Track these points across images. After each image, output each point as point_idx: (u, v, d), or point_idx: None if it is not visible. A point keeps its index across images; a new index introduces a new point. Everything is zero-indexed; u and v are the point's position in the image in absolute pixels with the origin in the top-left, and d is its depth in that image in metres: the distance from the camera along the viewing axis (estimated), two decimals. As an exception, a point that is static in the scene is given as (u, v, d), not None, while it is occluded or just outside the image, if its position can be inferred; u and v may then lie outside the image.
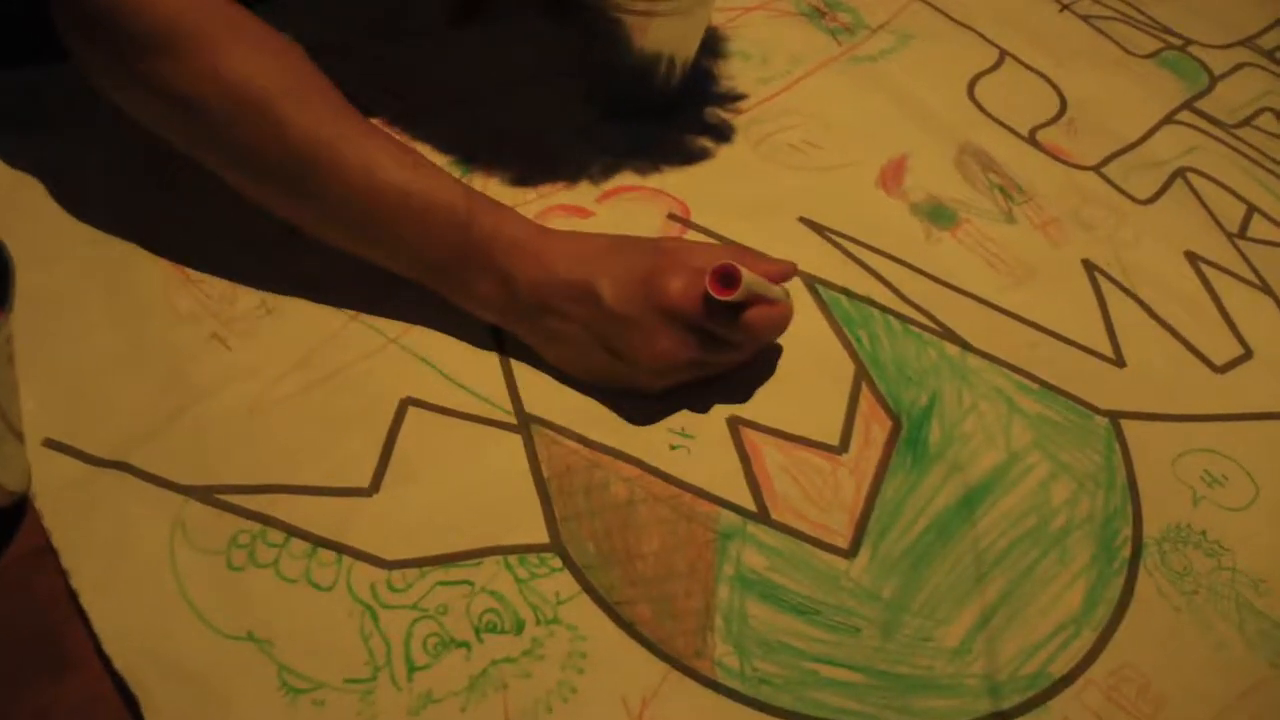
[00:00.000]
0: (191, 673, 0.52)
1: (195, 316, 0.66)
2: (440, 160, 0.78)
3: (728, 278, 0.59)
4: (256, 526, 0.58)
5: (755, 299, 0.62)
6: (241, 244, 0.69)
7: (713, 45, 0.92)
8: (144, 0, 0.60)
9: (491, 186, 0.77)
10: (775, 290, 0.65)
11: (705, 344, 0.63)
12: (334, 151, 0.61)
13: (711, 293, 0.59)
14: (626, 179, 0.80)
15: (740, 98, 0.88)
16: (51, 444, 0.60)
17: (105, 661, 0.52)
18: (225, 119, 0.61)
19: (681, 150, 0.83)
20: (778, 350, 0.70)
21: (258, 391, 0.63)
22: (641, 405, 0.66)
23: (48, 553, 0.56)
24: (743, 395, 0.68)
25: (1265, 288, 0.81)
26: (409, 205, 0.62)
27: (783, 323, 0.66)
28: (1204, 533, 0.66)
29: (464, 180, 0.75)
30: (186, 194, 0.67)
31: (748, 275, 0.59)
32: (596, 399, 0.66)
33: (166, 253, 0.69)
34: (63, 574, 0.55)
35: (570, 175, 0.79)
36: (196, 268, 0.69)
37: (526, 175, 0.78)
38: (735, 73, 0.91)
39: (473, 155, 0.79)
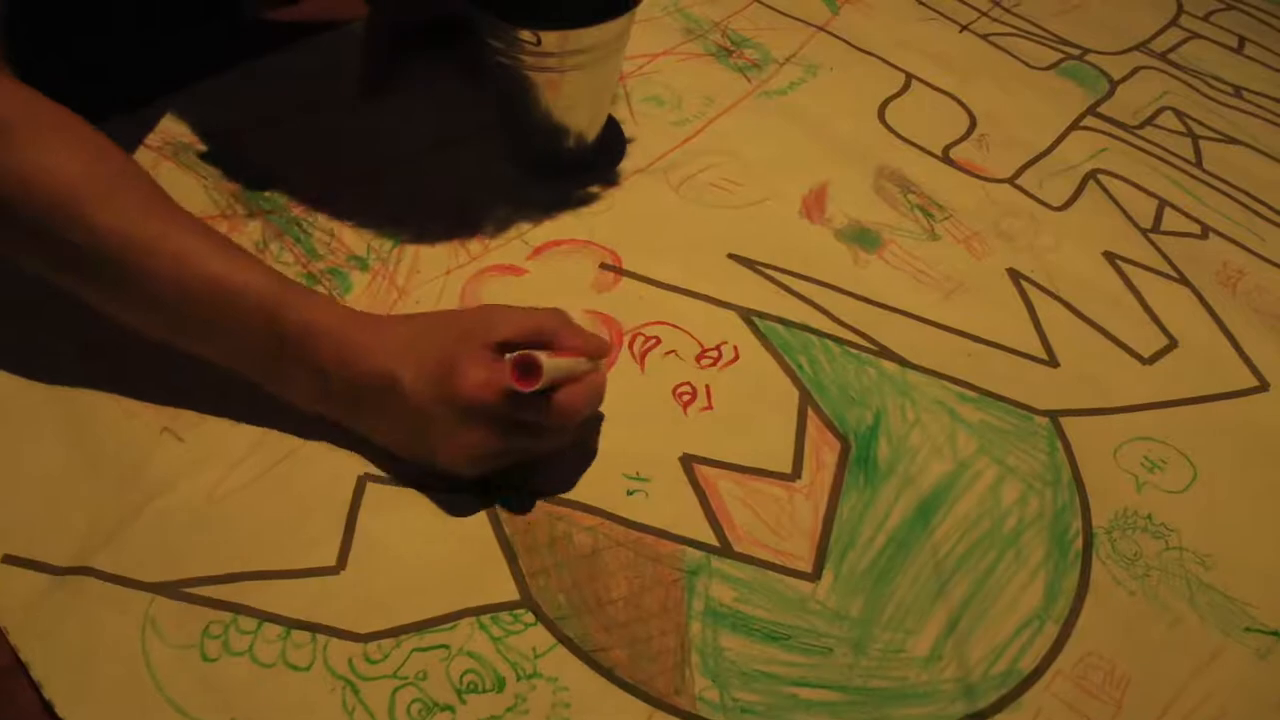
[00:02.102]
0: (179, 767, 0.53)
1: (143, 412, 0.66)
2: (369, 231, 0.79)
3: (528, 368, 0.56)
4: (227, 615, 0.58)
5: (563, 380, 0.60)
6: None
7: (626, 94, 0.94)
8: None
9: (424, 253, 0.78)
10: (583, 365, 0.63)
11: (513, 432, 0.61)
12: (142, 247, 0.60)
13: (513, 385, 0.56)
14: (556, 234, 0.81)
15: (658, 143, 0.90)
16: (10, 559, 0.59)
17: (90, 767, 0.52)
18: (29, 216, 0.59)
19: (607, 200, 0.84)
20: (726, 387, 0.71)
21: (214, 481, 0.63)
22: (595, 455, 0.67)
23: (18, 670, 0.56)
24: (693, 433, 0.69)
25: (1182, 279, 0.84)
26: (218, 298, 0.60)
27: (595, 398, 0.64)
28: (1149, 516, 0.68)
29: (395, 251, 0.76)
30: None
31: (549, 362, 0.57)
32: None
33: (106, 359, 0.69)
34: (36, 688, 0.55)
35: (500, 235, 0.80)
36: (139, 376, 0.68)
37: (456, 239, 0.79)
38: (651, 119, 0.92)
39: (400, 223, 0.79)
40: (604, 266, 0.79)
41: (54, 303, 0.63)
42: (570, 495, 0.65)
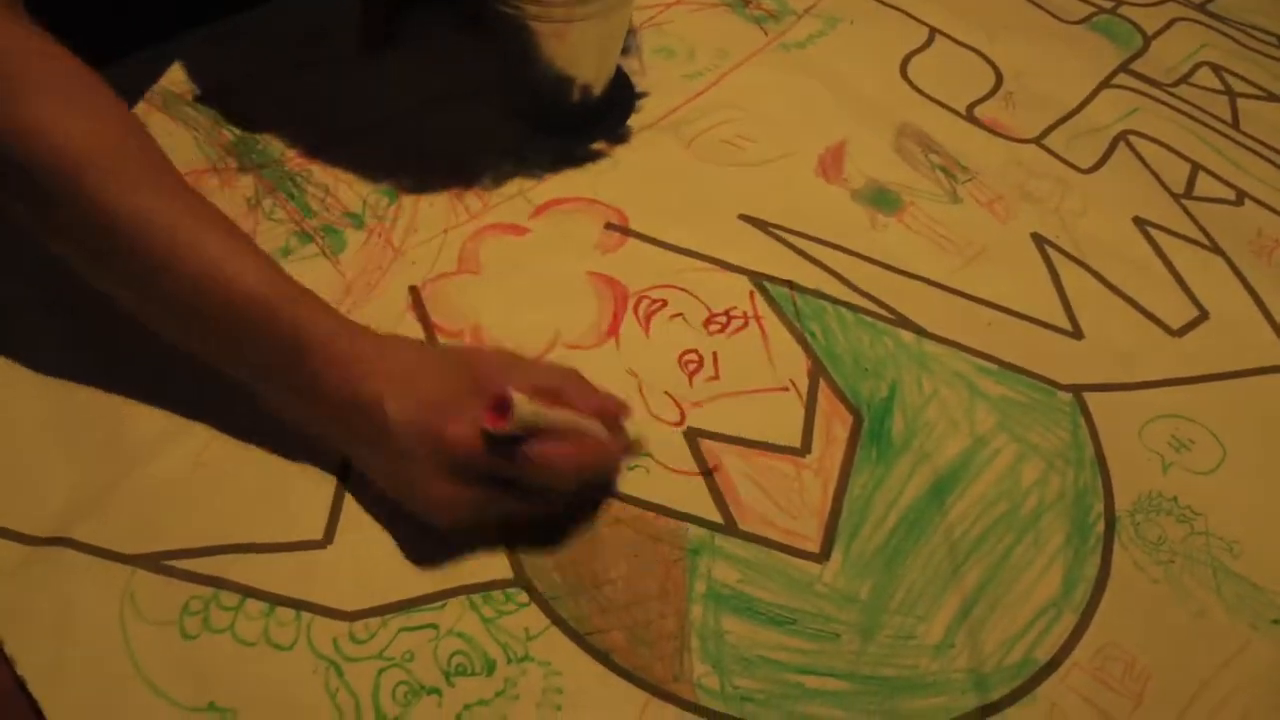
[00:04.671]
0: (155, 751, 0.51)
1: (126, 376, 0.64)
2: (365, 188, 0.76)
3: (502, 406, 0.52)
4: (209, 591, 0.56)
5: (546, 433, 0.55)
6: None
7: (636, 45, 0.91)
8: None
9: (421, 210, 0.75)
10: (586, 425, 0.58)
11: (494, 488, 0.56)
12: (135, 224, 0.56)
13: (484, 424, 0.53)
14: (560, 191, 0.78)
15: (668, 97, 0.87)
16: (-15, 528, 0.58)
17: (61, 751, 0.50)
18: (21, 176, 0.55)
19: (613, 157, 0.81)
20: (734, 356, 0.69)
21: (197, 449, 0.61)
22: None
23: (-10, 645, 0.54)
24: (698, 404, 0.66)
25: (1215, 247, 0.80)
26: (210, 286, 0.56)
27: (588, 462, 0.58)
28: (1175, 499, 0.65)
29: (392, 208, 0.74)
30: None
31: (528, 406, 0.53)
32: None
33: (87, 322, 0.66)
34: (8, 663, 0.53)
35: (501, 193, 0.77)
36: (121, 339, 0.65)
37: (456, 197, 0.77)
38: (662, 71, 0.89)
39: (399, 180, 0.77)
40: (609, 226, 0.76)
41: (30, 263, 0.61)
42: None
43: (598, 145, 0.82)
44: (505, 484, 0.56)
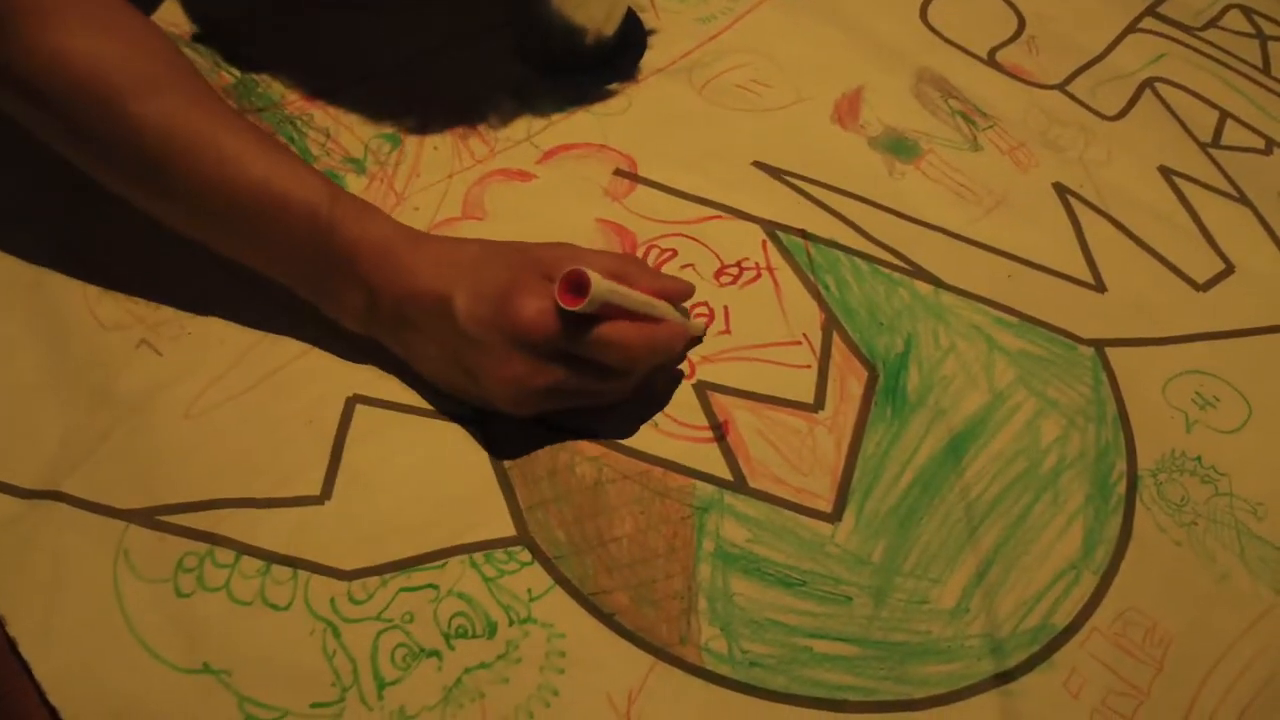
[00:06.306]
0: (147, 714, 0.50)
1: (121, 324, 0.62)
2: (368, 132, 0.74)
3: (578, 285, 0.53)
4: (204, 547, 0.54)
5: (618, 313, 0.56)
6: (165, 246, 0.65)
7: (648, -14, 0.88)
8: None
9: (425, 155, 0.73)
10: (659, 307, 0.59)
11: (568, 369, 0.56)
12: (184, 145, 0.56)
13: (559, 302, 0.53)
14: (567, 136, 0.76)
15: (681, 40, 0.84)
16: (-26, 479, 0.56)
17: (53, 713, 0.49)
18: (66, 107, 0.56)
19: (623, 101, 0.79)
20: (745, 308, 0.67)
21: (192, 398, 0.59)
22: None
23: (-22, 603, 0.52)
24: (708, 359, 0.65)
25: (1242, 198, 0.78)
26: (267, 204, 0.57)
27: (657, 342, 0.59)
28: (1199, 458, 0.63)
29: (395, 153, 0.72)
30: (100, 198, 0.63)
31: (602, 283, 0.52)
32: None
33: (84, 265, 0.65)
34: None
35: (507, 138, 0.75)
36: (118, 276, 0.64)
37: (461, 141, 0.74)
38: (673, 14, 0.87)
39: (400, 123, 0.75)
40: (618, 173, 0.74)
41: (26, 204, 0.59)
42: (573, 421, 0.61)
43: (607, 89, 0.79)
44: (571, 359, 0.56)
